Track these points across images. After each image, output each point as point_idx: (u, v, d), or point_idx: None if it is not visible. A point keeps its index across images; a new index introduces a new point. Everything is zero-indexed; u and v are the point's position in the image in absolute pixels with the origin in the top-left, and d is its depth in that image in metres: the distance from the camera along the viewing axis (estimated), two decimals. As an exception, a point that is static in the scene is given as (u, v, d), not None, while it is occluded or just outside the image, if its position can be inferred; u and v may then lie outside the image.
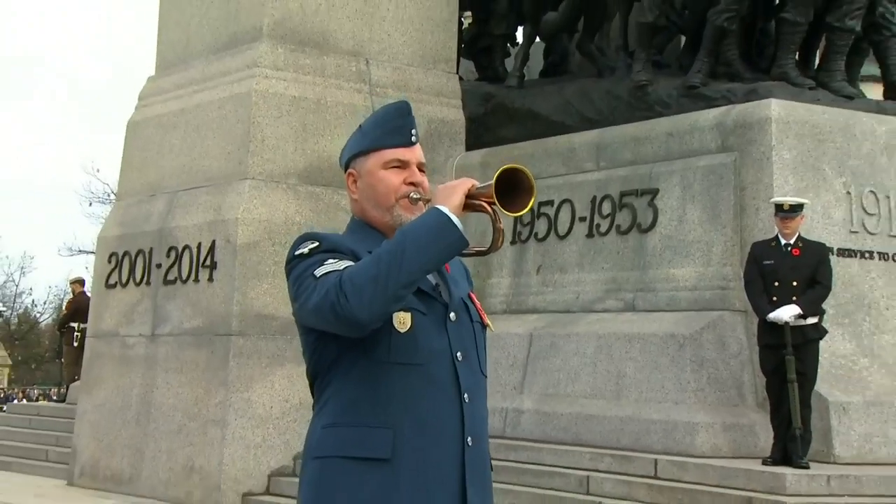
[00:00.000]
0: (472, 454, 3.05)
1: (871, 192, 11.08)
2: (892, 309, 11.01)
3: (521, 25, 15.27)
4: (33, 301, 70.72)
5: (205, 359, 12.43)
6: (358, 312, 2.84)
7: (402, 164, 3.14)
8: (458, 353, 3.08)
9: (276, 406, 12.19)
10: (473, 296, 3.25)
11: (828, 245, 10.13)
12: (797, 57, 12.40)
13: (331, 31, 13.34)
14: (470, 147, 13.67)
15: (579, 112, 13.06)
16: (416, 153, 3.17)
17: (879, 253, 11.04)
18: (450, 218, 2.88)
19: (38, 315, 70.14)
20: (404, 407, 3.01)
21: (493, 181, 2.93)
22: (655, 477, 9.56)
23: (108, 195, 55.84)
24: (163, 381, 12.87)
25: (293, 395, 12.27)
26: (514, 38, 15.52)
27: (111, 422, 13.39)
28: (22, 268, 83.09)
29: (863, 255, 10.90)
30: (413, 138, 3.18)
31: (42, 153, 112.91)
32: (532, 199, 2.99)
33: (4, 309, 65.85)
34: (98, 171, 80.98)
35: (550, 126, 13.13)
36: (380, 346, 2.98)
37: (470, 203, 2.96)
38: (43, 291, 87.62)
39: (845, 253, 10.60)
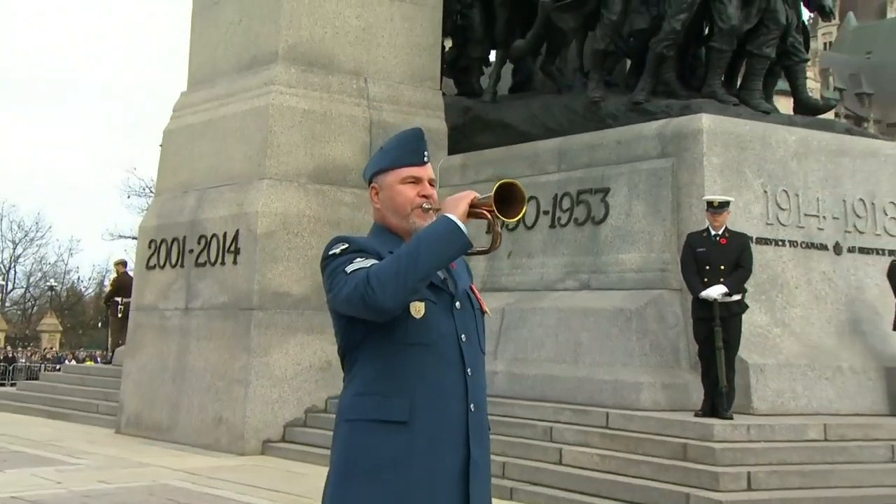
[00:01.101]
0: (474, 418, 3.10)
1: (784, 190, 11.17)
2: (800, 287, 11.09)
3: (493, 49, 15.23)
4: (79, 277, 70.92)
5: (230, 329, 12.53)
6: (383, 302, 2.89)
7: (416, 180, 3.17)
8: (463, 335, 3.12)
9: (290, 368, 12.31)
10: (474, 287, 3.28)
11: (749, 235, 10.18)
12: (723, 78, 12.43)
13: (335, 55, 13.41)
14: (451, 152, 13.74)
15: (543, 123, 13.09)
16: (427, 171, 3.21)
17: (790, 241, 11.14)
18: (457, 225, 2.93)
19: (83, 289, 70.12)
20: (419, 379, 3.04)
21: (492, 193, 2.98)
22: (607, 427, 9.62)
23: (144, 189, 55.46)
24: (195, 347, 12.98)
25: (304, 359, 12.40)
26: (488, 60, 15.48)
27: (152, 381, 13.51)
28: (70, 249, 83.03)
29: (776, 243, 10.98)
30: (425, 158, 3.22)
31: (87, 153, 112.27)
32: (524, 208, 3.04)
33: (56, 284, 65.79)
34: (135, 169, 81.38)
35: (519, 135, 13.17)
36: (399, 329, 3.01)
37: (473, 211, 3.00)
38: (88, 269, 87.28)
39: (762, 241, 10.66)
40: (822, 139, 11.75)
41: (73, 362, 39.57)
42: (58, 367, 37.27)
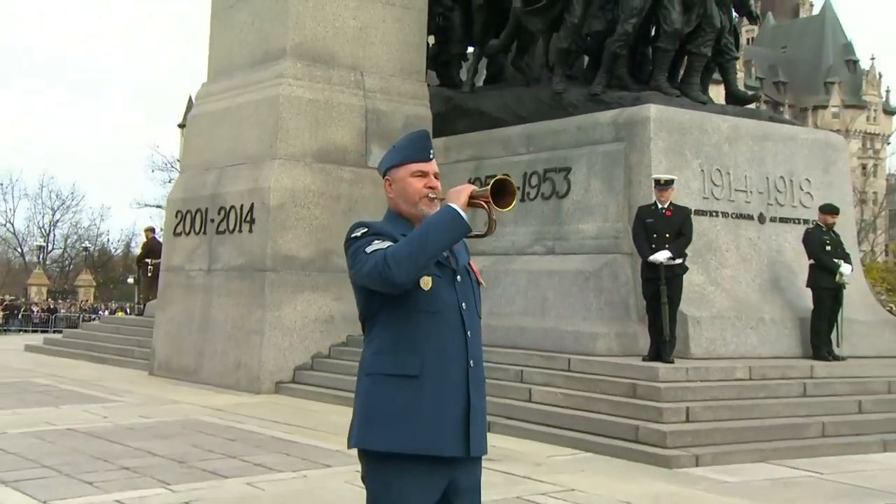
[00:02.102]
0: (473, 372, 3.11)
1: (718, 170, 11.24)
2: (731, 251, 11.16)
3: (471, 47, 15.20)
4: (109, 240, 70.66)
5: (247, 287, 12.56)
6: (397, 278, 2.91)
7: (424, 174, 3.17)
8: (463, 304, 3.13)
9: (298, 321, 12.35)
10: (472, 263, 3.27)
11: (689, 207, 10.18)
12: (667, 74, 12.47)
13: (336, 52, 13.35)
14: (435, 136, 13.33)
15: (514, 111, 13.06)
16: (432, 166, 3.20)
17: (722, 212, 11.20)
18: (459, 213, 2.95)
19: (113, 250, 69.82)
20: (427, 341, 3.05)
21: (489, 187, 3.02)
22: (569, 370, 9.67)
23: (165, 164, 55.35)
24: (217, 302, 13.01)
25: (310, 313, 12.43)
26: (466, 55, 15.45)
27: (180, 331, 13.56)
28: (101, 215, 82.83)
29: (711, 214, 11.04)
30: (431, 155, 3.22)
31: (115, 132, 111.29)
32: (515, 199, 3.04)
33: (89, 245, 65.51)
34: (158, 146, 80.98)
35: (493, 121, 13.15)
36: (410, 300, 3.02)
37: (472, 202, 3.01)
38: (117, 233, 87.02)
39: (700, 213, 10.66)
40: (750, 126, 11.82)
41: (107, 313, 39.57)
42: (93, 317, 37.26)
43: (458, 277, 3.16)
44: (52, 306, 42.42)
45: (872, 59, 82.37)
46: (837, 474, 7.73)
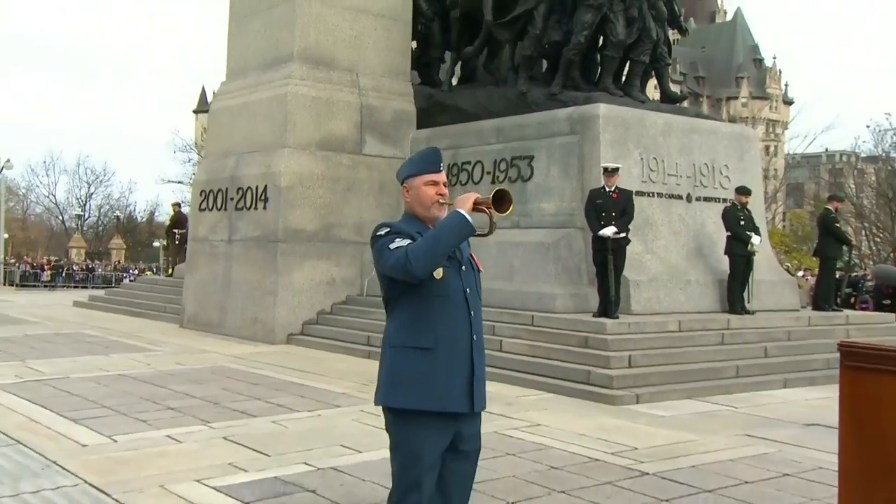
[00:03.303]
0: (476, 344, 3.15)
1: (654, 158, 11.23)
2: (664, 226, 11.13)
3: (448, 51, 15.15)
4: (136, 209, 69.68)
5: (262, 256, 12.56)
6: (416, 271, 2.96)
7: (435, 183, 3.18)
8: (467, 289, 3.16)
9: (305, 283, 12.38)
10: (473, 255, 3.30)
11: (631, 190, 10.18)
12: (613, 77, 12.43)
13: (335, 56, 13.26)
14: (418, 128, 13.60)
15: (486, 107, 12.97)
16: (442, 176, 3.21)
17: (657, 193, 11.20)
18: (465, 217, 2.99)
19: (139, 218, 68.99)
20: (439, 320, 3.08)
21: (490, 196, 3.05)
22: (532, 325, 9.70)
23: (185, 146, 54.60)
24: (236, 268, 13.01)
25: (315, 277, 12.46)
26: (444, 58, 15.41)
27: (205, 291, 13.56)
28: (129, 189, 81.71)
29: (649, 195, 11.03)
30: (441, 168, 3.22)
31: (142, 117, 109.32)
32: (511, 206, 3.07)
33: (119, 213, 64.73)
34: (178, 131, 79.86)
35: (468, 116, 13.06)
36: (425, 286, 3.05)
37: (476, 207, 3.05)
38: (143, 204, 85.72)
39: (640, 194, 10.64)
40: (680, 121, 11.82)
41: (136, 272, 39.19)
42: (124, 275, 36.97)
43: (463, 267, 3.18)
44: (90, 266, 41.97)
45: (774, 58, 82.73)
46: (748, 407, 7.88)
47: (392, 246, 3.04)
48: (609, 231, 9.51)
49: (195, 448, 5.85)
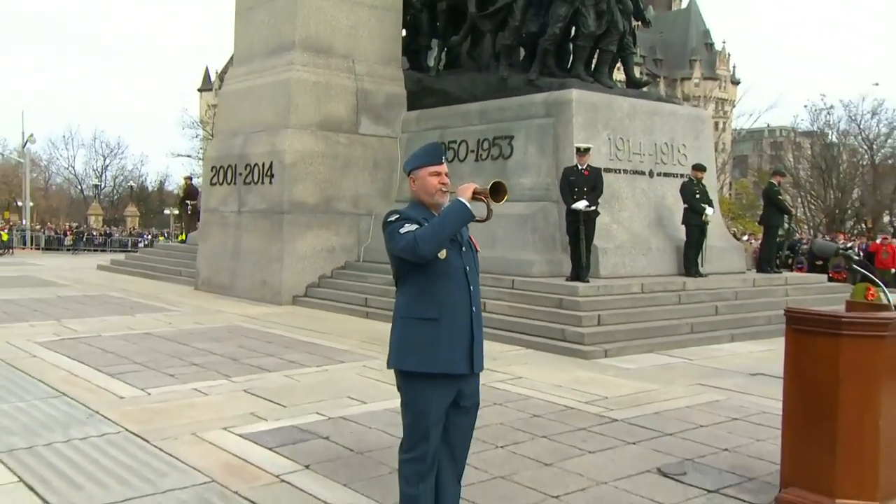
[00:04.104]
0: (475, 315, 3.19)
1: (620, 138, 11.21)
2: (629, 199, 11.11)
3: (435, 39, 15.00)
4: (147, 180, 68.94)
5: (268, 226, 12.51)
6: (423, 253, 2.99)
7: (438, 174, 3.18)
8: (467, 267, 3.19)
9: (308, 251, 12.35)
10: (472, 237, 3.32)
11: (600, 167, 10.19)
12: (584, 65, 12.38)
13: (333, 44, 13.11)
14: (409, 109, 13.49)
15: (470, 91, 12.88)
16: (444, 168, 3.21)
17: (623, 170, 11.18)
18: (466, 205, 3.02)
19: (150, 188, 68.24)
20: (444, 294, 3.12)
21: (488, 187, 3.09)
22: (513, 288, 9.72)
23: (193, 123, 53.94)
24: (245, 237, 12.96)
25: (317, 245, 12.43)
26: (431, 46, 15.25)
27: (218, 257, 13.50)
28: (141, 161, 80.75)
29: (616, 171, 11.01)
30: (443, 160, 3.23)
31: (153, 95, 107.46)
32: (506, 196, 3.10)
33: (133, 184, 64.04)
34: (187, 109, 78.93)
35: (454, 99, 12.95)
36: (431, 266, 3.08)
37: (475, 197, 3.08)
38: (154, 175, 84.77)
39: (608, 171, 10.62)
40: (644, 105, 11.80)
41: (150, 237, 38.93)
42: (139, 240, 36.71)
43: (464, 248, 3.22)
44: (107, 231, 41.62)
45: (724, 42, 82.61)
46: (701, 360, 8.00)
47: (402, 230, 3.06)
48: (581, 205, 9.54)
49: (219, 400, 5.92)
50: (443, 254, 3.10)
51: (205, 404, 5.79)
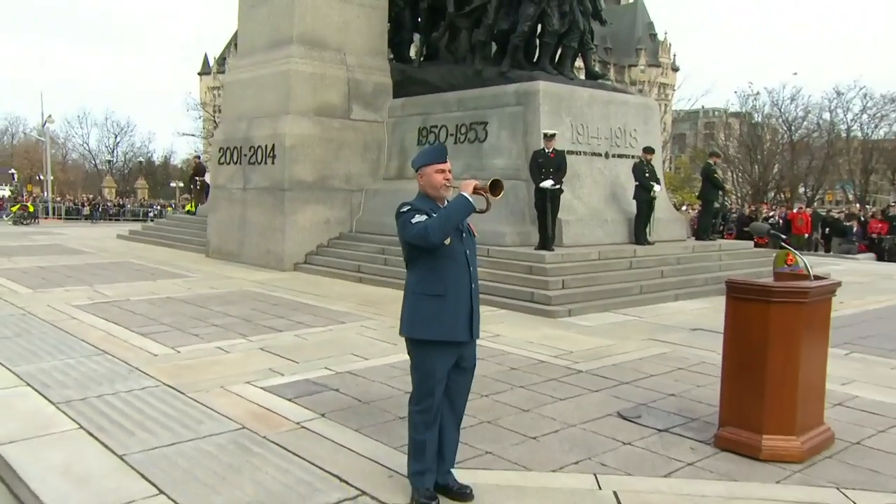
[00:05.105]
0: (474, 291, 3.26)
1: (581, 124, 11.19)
2: (588, 177, 11.11)
3: (416, 34, 14.81)
4: (155, 156, 67.60)
5: (271, 201, 12.41)
6: (433, 240, 3.08)
7: (442, 171, 3.23)
8: (467, 251, 3.26)
9: (307, 223, 12.28)
10: (471, 224, 3.36)
11: (564, 151, 10.18)
12: (549, 59, 12.31)
13: (327, 38, 12.91)
14: (395, 97, 13.34)
15: (449, 82, 12.76)
16: (448, 165, 3.25)
17: (583, 152, 11.15)
18: (468, 199, 3.11)
19: (157, 163, 66.97)
20: (448, 273, 3.20)
21: (488, 183, 3.16)
22: (489, 256, 9.55)
23: (196, 105, 52.75)
24: (251, 210, 12.84)
25: (315, 218, 12.36)
26: (413, 39, 15.10)
27: (226, 228, 13.38)
28: (149, 139, 79.25)
29: (577, 153, 10.98)
30: (447, 159, 3.27)
31: (163, 81, 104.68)
32: (503, 191, 3.17)
33: (142, 159, 62.74)
34: (190, 93, 76.91)
35: (435, 88, 12.83)
36: (438, 250, 3.15)
37: (476, 191, 3.16)
38: (161, 151, 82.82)
39: (570, 153, 10.61)
40: (601, 94, 11.77)
41: (159, 207, 38.33)
42: (149, 209, 36.14)
43: (464, 235, 3.28)
44: (121, 202, 40.91)
45: (665, 33, 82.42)
46: (650, 317, 8.15)
47: (413, 220, 3.13)
48: (548, 183, 9.58)
49: (240, 357, 5.97)
50: (448, 240, 3.16)
51: (228, 361, 5.83)
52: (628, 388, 5.28)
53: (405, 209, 3.21)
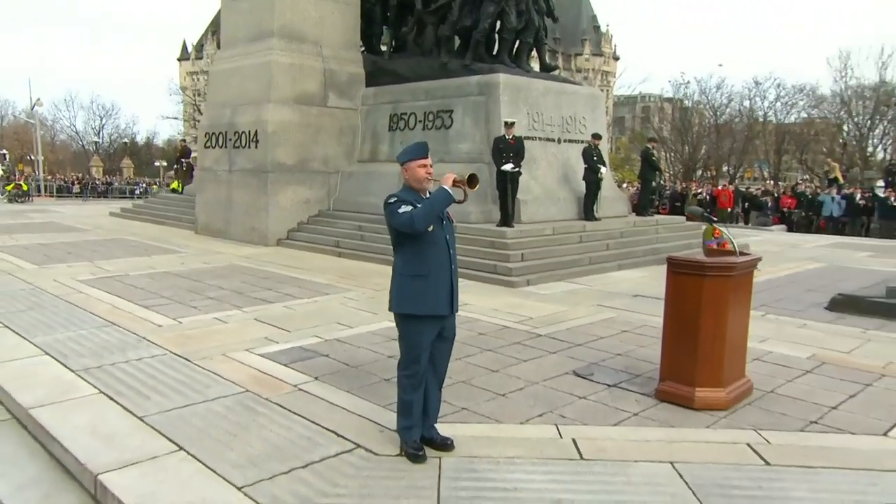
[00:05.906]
0: (454, 272, 3.36)
1: (537, 112, 11.16)
2: (542, 161, 11.01)
3: (386, 27, 14.62)
4: (139, 137, 65.41)
5: (255, 182, 12.24)
6: (418, 228, 3.16)
7: (424, 165, 3.29)
8: (447, 236, 3.34)
9: (288, 203, 12.15)
10: (450, 212, 3.42)
11: (522, 137, 10.14)
12: (508, 53, 12.25)
13: (305, 32, 12.68)
14: (367, 86, 13.16)
15: (417, 72, 12.61)
16: (429, 160, 3.31)
17: (538, 138, 11.11)
18: (449, 191, 3.18)
19: (141, 143, 64.90)
20: (430, 256, 3.27)
21: (466, 177, 3.24)
22: (456, 233, 9.51)
23: (178, 90, 51.06)
24: (236, 191, 12.64)
25: (295, 198, 12.23)
26: (383, 32, 14.91)
27: (213, 207, 13.14)
28: (133, 121, 76.39)
29: (533, 139, 10.92)
30: (428, 154, 3.31)
31: (144, 66, 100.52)
32: (478, 185, 3.26)
33: (126, 140, 60.67)
34: (172, 79, 74.15)
35: (404, 78, 12.67)
36: (422, 236, 3.23)
37: (455, 184, 3.23)
38: (144, 133, 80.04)
39: (527, 139, 10.56)
40: (554, 85, 11.74)
41: (145, 185, 37.27)
42: (135, 187, 35.09)
43: (444, 222, 3.36)
44: (108, 181, 39.63)
45: (608, 25, 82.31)
46: (598, 285, 8.26)
47: (400, 210, 3.20)
48: (508, 167, 9.62)
49: (237, 327, 5.96)
50: (430, 228, 3.24)
51: (227, 330, 5.82)
52: (581, 350, 5.43)
53: (392, 200, 3.27)
